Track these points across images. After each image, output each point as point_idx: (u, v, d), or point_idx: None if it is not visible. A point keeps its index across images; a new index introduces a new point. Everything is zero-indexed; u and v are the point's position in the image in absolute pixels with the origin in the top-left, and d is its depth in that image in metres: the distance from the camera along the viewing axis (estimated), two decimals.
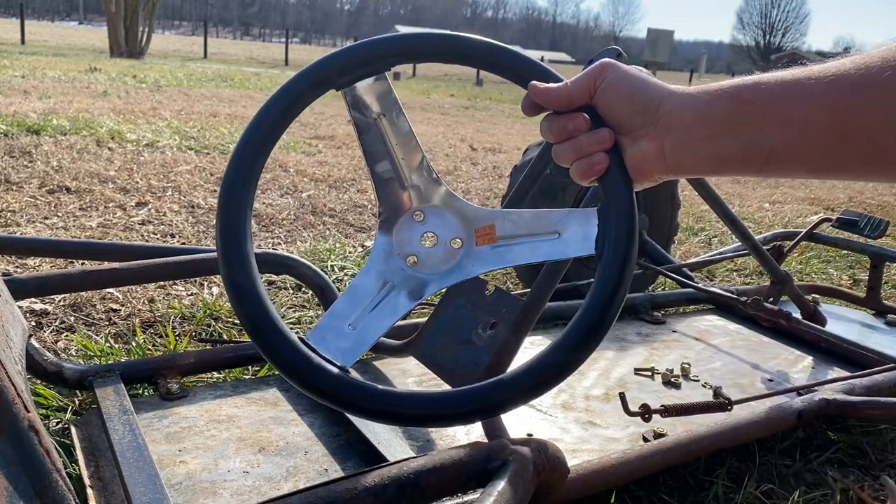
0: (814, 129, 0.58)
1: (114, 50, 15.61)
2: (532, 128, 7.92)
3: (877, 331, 1.93)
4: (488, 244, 0.77)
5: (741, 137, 0.61)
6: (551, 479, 0.87)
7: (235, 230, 0.74)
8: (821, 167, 0.60)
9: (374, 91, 0.77)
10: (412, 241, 0.79)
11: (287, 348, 0.71)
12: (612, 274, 0.71)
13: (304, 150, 4.62)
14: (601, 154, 0.68)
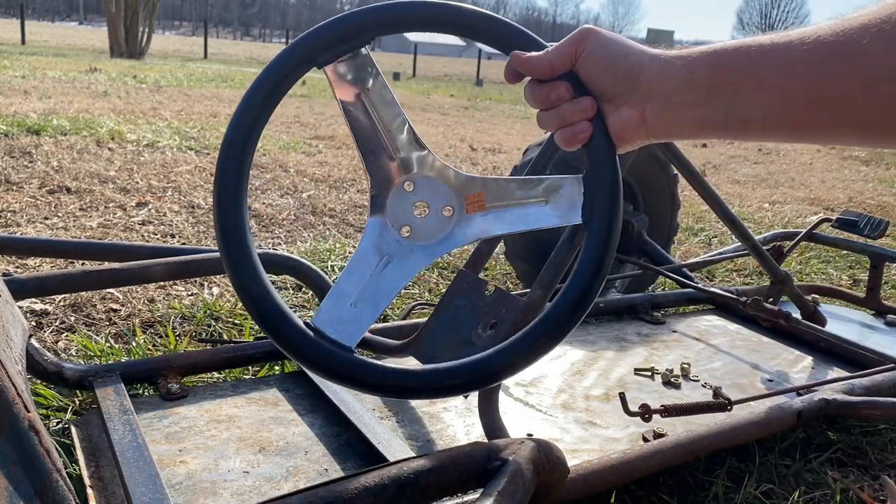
0: (790, 96, 0.58)
1: (114, 50, 15.61)
2: (532, 128, 7.92)
3: (876, 331, 1.93)
4: (478, 212, 0.78)
5: (720, 104, 0.62)
6: (551, 479, 0.87)
7: (235, 226, 0.75)
8: (799, 133, 0.61)
9: (355, 66, 0.77)
10: (404, 212, 0.80)
11: (296, 334, 0.73)
12: (598, 242, 0.71)
13: (304, 151, 4.62)
14: (584, 122, 0.69)
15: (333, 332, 0.75)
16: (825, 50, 0.56)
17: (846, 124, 0.57)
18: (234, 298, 1.90)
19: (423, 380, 0.77)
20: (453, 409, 1.26)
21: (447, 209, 0.79)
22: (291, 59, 0.77)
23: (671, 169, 2.05)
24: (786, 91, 0.58)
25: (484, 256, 1.31)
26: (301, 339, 0.73)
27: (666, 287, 2.27)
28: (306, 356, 0.73)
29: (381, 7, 0.76)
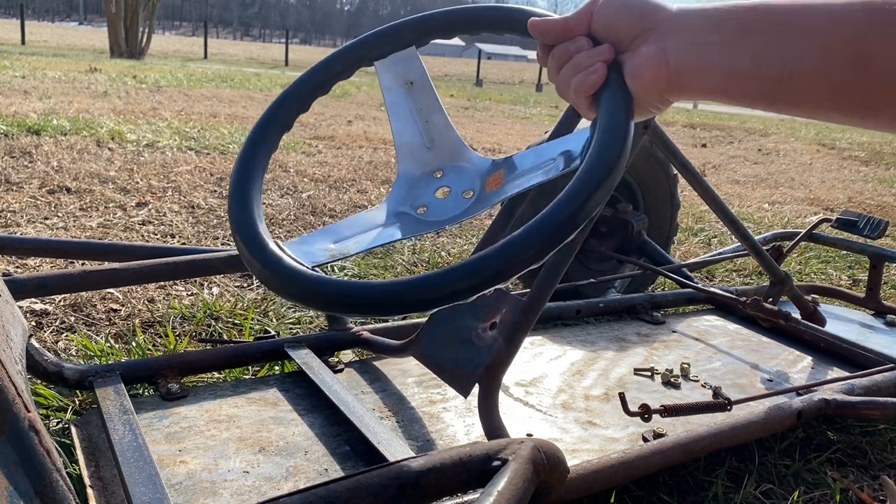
0: (833, 47, 0.52)
1: (114, 50, 15.61)
2: (532, 128, 7.92)
3: (876, 331, 1.93)
4: (495, 188, 0.79)
5: (755, 46, 0.56)
6: (551, 479, 0.87)
7: (248, 180, 0.78)
8: (836, 94, 0.54)
9: (402, 61, 0.84)
10: (426, 194, 0.82)
11: (258, 247, 0.72)
12: (591, 174, 0.63)
13: (304, 151, 4.62)
14: (599, 64, 0.66)
15: (299, 252, 0.74)
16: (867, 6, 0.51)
17: (889, 91, 0.52)
18: (234, 298, 1.90)
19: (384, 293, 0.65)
20: (453, 409, 1.26)
21: (468, 192, 0.81)
22: (347, 56, 0.84)
23: (671, 169, 2.05)
24: (829, 40, 0.52)
25: None
26: (263, 257, 0.71)
27: (666, 287, 2.27)
28: (262, 270, 0.70)
29: (429, 17, 0.83)
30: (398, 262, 2.35)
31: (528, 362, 1.50)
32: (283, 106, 0.84)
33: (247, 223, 0.74)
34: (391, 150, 5.07)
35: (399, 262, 2.36)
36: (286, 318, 1.80)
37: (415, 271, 2.29)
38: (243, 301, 1.88)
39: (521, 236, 0.61)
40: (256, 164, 0.80)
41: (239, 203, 0.76)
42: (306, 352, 1.34)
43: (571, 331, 1.73)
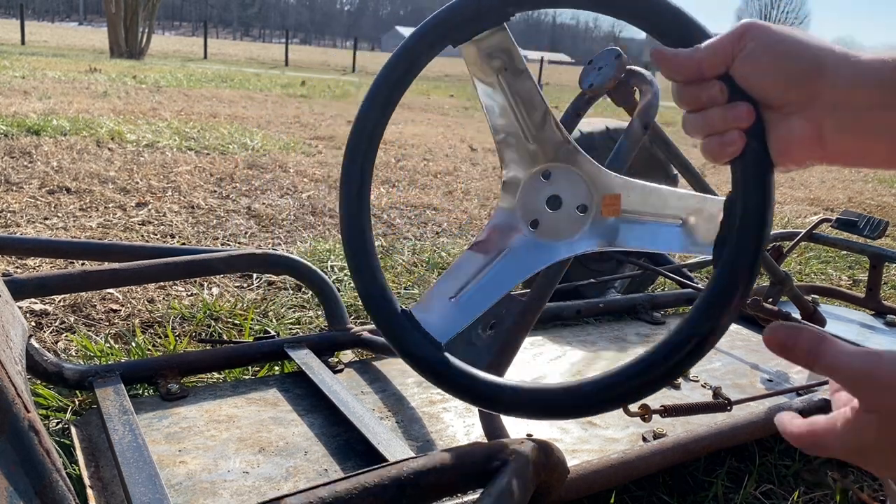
0: None
1: (114, 50, 15.61)
2: None
3: (876, 331, 1.93)
4: (612, 216, 0.73)
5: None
6: (551, 479, 0.87)
7: (358, 218, 0.77)
8: None
9: (493, 44, 0.72)
10: (536, 203, 0.76)
11: (392, 319, 0.74)
12: (725, 282, 0.61)
13: (304, 151, 4.62)
14: (735, 133, 0.56)
15: (429, 322, 0.74)
16: None
17: None
18: (233, 298, 1.90)
19: (527, 396, 0.70)
20: (453, 409, 1.26)
21: (581, 207, 0.75)
22: (425, 38, 0.73)
23: (671, 169, 2.05)
24: None
25: None
26: (397, 327, 0.74)
27: (666, 287, 2.27)
28: (400, 346, 0.74)
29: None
30: (398, 263, 2.36)
31: (529, 363, 1.50)
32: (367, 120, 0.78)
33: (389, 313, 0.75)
34: (391, 150, 5.07)
35: (399, 262, 2.36)
36: (286, 319, 1.80)
37: (415, 271, 2.29)
38: (243, 301, 1.88)
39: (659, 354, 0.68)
40: (366, 221, 0.77)
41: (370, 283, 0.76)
42: (306, 352, 1.34)
43: (571, 331, 1.72)
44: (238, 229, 2.64)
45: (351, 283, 2.11)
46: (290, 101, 8.18)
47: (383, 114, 0.78)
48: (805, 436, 0.56)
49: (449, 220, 3.12)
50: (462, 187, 3.96)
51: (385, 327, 0.75)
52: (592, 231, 0.74)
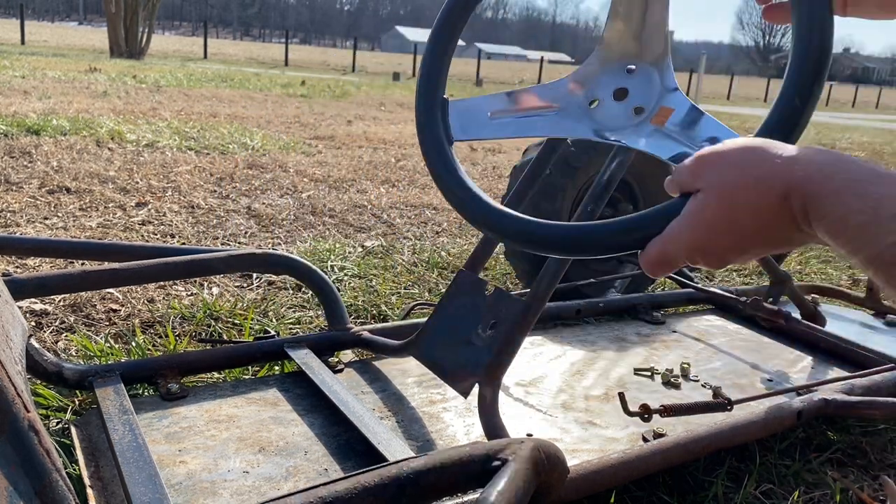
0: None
1: (114, 50, 15.61)
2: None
3: (876, 331, 1.93)
4: (657, 125, 0.77)
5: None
6: (551, 479, 0.87)
7: (431, 110, 0.85)
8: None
9: None
10: (607, 85, 0.82)
11: (432, 104, 0.84)
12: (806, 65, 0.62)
13: (303, 151, 4.62)
14: None
15: (458, 116, 0.85)
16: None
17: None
18: (233, 298, 1.90)
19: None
20: (453, 409, 1.26)
21: (639, 108, 0.80)
22: None
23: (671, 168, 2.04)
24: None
25: (484, 256, 1.31)
26: (432, 115, 0.85)
27: (665, 287, 2.27)
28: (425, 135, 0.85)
29: None
30: (398, 263, 2.36)
31: (528, 362, 1.50)
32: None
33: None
34: (391, 150, 5.07)
35: (399, 263, 2.36)
36: (286, 319, 1.80)
37: (415, 271, 2.29)
38: (243, 301, 1.88)
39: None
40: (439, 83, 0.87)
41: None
42: (306, 352, 1.34)
43: (571, 331, 1.73)
44: (238, 229, 2.64)
45: (350, 282, 2.11)
46: (290, 101, 8.18)
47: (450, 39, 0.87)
48: (654, 253, 0.59)
49: (449, 220, 3.12)
50: None
51: (421, 109, 0.85)
52: (634, 131, 0.79)
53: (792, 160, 0.51)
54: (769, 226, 0.52)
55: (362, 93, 10.81)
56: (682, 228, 0.56)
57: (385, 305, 1.94)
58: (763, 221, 0.51)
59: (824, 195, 0.48)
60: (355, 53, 23.52)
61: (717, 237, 0.54)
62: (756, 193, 0.51)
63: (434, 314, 1.24)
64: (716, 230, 0.54)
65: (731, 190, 0.53)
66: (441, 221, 3.08)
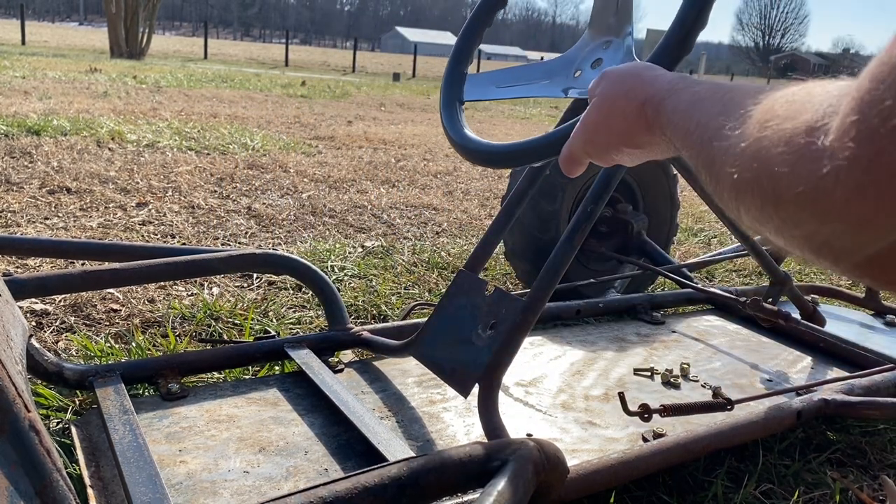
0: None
1: (114, 51, 15.61)
2: (532, 128, 7.92)
3: (876, 331, 1.93)
4: None
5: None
6: (551, 478, 0.87)
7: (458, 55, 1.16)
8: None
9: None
10: (588, 60, 1.01)
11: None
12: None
13: (304, 151, 4.62)
14: None
15: (469, 82, 1.14)
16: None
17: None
18: (234, 298, 1.90)
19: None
20: (453, 409, 1.26)
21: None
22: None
23: (671, 169, 2.05)
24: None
25: (484, 256, 1.32)
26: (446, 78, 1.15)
27: (665, 287, 2.27)
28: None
29: None
30: (398, 263, 2.36)
31: (528, 362, 1.50)
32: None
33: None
34: (391, 151, 5.07)
35: (399, 263, 2.36)
36: (286, 319, 1.80)
37: (415, 271, 2.29)
38: (243, 301, 1.88)
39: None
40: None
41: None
42: (306, 352, 1.34)
43: (571, 331, 1.73)
44: (238, 229, 2.64)
45: (351, 282, 2.11)
46: (291, 102, 8.18)
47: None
48: (562, 153, 0.72)
49: (449, 220, 3.12)
50: (462, 187, 3.96)
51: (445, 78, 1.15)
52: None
53: (654, 78, 0.62)
54: (631, 129, 0.63)
55: (362, 93, 10.82)
56: (577, 130, 0.69)
57: (385, 305, 1.94)
58: (627, 125, 0.63)
59: (668, 107, 0.58)
60: (355, 54, 23.53)
61: (597, 136, 0.67)
62: (624, 101, 0.63)
63: (434, 314, 1.25)
64: (596, 130, 0.67)
65: (610, 98, 0.65)
66: (441, 222, 3.09)
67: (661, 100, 0.59)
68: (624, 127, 0.63)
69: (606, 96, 0.65)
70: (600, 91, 0.66)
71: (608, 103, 0.65)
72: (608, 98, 0.65)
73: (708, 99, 0.53)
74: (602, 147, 0.67)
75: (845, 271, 0.38)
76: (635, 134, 0.63)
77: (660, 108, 0.59)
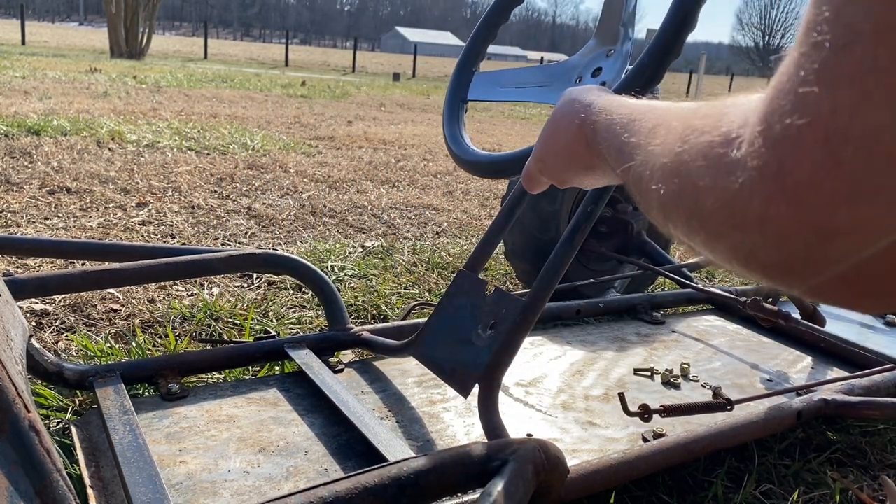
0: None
1: (114, 51, 15.61)
2: (532, 128, 7.92)
3: (876, 331, 1.93)
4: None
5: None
6: (551, 479, 0.87)
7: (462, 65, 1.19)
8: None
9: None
10: (589, 68, 1.03)
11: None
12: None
13: (304, 151, 4.62)
14: None
15: (475, 82, 1.20)
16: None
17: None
18: (234, 298, 1.90)
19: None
20: (453, 409, 1.26)
21: (604, 82, 1.00)
22: None
23: None
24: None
25: (484, 257, 1.32)
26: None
27: (665, 287, 2.27)
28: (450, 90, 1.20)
29: None
30: (398, 263, 2.36)
31: (528, 362, 1.50)
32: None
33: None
34: (391, 151, 5.07)
35: (399, 263, 2.36)
36: (286, 319, 1.80)
37: (415, 271, 2.29)
38: (243, 301, 1.88)
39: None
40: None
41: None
42: (306, 352, 1.34)
43: (571, 331, 1.73)
44: (238, 229, 2.64)
45: (351, 282, 2.11)
46: (291, 102, 8.18)
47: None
48: (523, 171, 0.74)
49: (449, 220, 3.12)
50: (462, 187, 3.96)
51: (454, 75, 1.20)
52: None
53: (594, 99, 0.62)
54: (573, 150, 0.64)
55: (362, 93, 10.82)
56: (534, 150, 0.70)
57: (385, 305, 1.94)
58: (569, 146, 0.64)
59: (601, 128, 0.58)
60: (355, 54, 23.53)
61: (547, 156, 0.68)
62: (566, 122, 0.64)
63: (434, 314, 1.25)
64: (547, 151, 0.68)
65: (556, 119, 0.66)
66: (441, 222, 3.09)
67: (594, 121, 0.60)
68: (566, 148, 0.64)
69: (555, 117, 0.66)
70: (553, 112, 0.67)
71: (554, 124, 0.66)
72: (555, 118, 0.66)
73: (638, 119, 0.53)
74: (551, 167, 0.68)
75: (774, 285, 0.38)
76: (578, 155, 0.63)
77: (595, 128, 0.59)
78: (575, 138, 0.63)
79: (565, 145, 0.64)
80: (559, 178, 0.69)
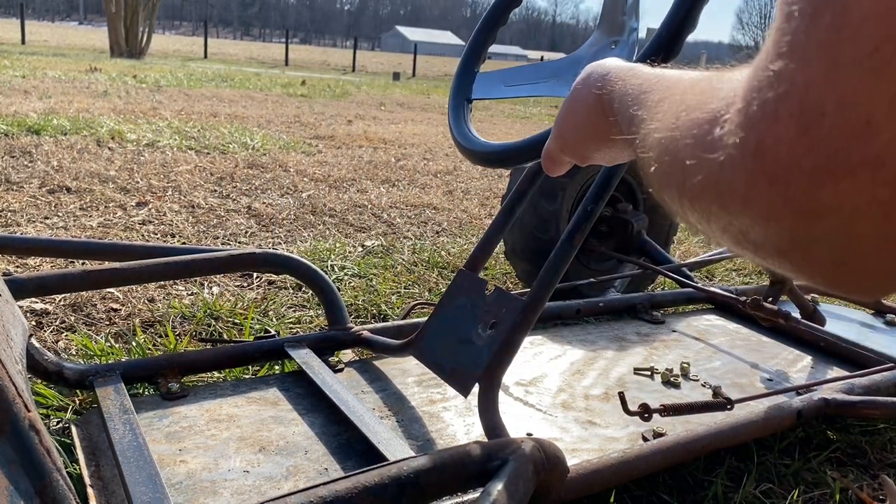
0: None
1: (114, 50, 15.61)
2: (532, 128, 7.92)
3: (876, 330, 1.93)
4: None
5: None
6: (551, 478, 0.87)
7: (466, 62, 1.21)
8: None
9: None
10: (595, 58, 1.16)
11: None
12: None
13: (304, 150, 4.62)
14: None
15: (480, 80, 1.21)
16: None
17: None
18: (234, 298, 1.90)
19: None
20: (453, 409, 1.26)
21: None
22: None
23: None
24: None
25: (484, 256, 1.32)
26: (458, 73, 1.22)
27: (665, 287, 2.27)
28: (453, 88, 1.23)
29: None
30: (398, 262, 2.36)
31: (528, 362, 1.50)
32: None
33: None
34: (391, 150, 5.07)
35: (399, 262, 2.36)
36: (286, 318, 1.80)
37: (415, 271, 2.29)
38: (243, 301, 1.88)
39: None
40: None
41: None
42: (306, 351, 1.34)
43: (571, 330, 1.73)
44: (238, 229, 2.64)
45: (350, 282, 2.11)
46: (291, 101, 8.18)
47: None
48: (544, 151, 0.71)
49: (449, 220, 3.12)
50: (462, 187, 3.96)
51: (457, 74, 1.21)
52: None
53: (613, 68, 0.60)
54: (592, 121, 0.61)
55: (362, 92, 10.81)
56: (554, 128, 0.69)
57: (385, 305, 1.94)
58: (591, 118, 0.61)
59: (615, 96, 0.56)
60: (355, 53, 23.53)
61: (566, 131, 0.66)
62: (585, 92, 0.61)
63: (434, 314, 1.25)
64: (567, 126, 0.65)
65: (577, 90, 0.64)
66: (441, 221, 3.09)
67: (610, 90, 0.57)
68: (587, 119, 0.61)
69: (575, 89, 0.64)
70: (573, 86, 0.65)
71: (573, 96, 0.64)
72: (575, 90, 0.63)
73: (647, 91, 0.51)
74: (572, 143, 0.66)
75: (768, 265, 0.37)
76: (598, 128, 0.60)
77: (611, 97, 0.57)
78: (594, 109, 0.60)
79: (586, 117, 0.61)
80: (581, 153, 0.66)
